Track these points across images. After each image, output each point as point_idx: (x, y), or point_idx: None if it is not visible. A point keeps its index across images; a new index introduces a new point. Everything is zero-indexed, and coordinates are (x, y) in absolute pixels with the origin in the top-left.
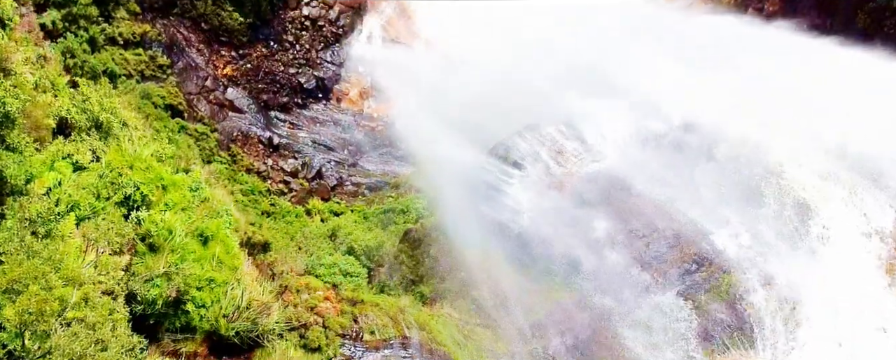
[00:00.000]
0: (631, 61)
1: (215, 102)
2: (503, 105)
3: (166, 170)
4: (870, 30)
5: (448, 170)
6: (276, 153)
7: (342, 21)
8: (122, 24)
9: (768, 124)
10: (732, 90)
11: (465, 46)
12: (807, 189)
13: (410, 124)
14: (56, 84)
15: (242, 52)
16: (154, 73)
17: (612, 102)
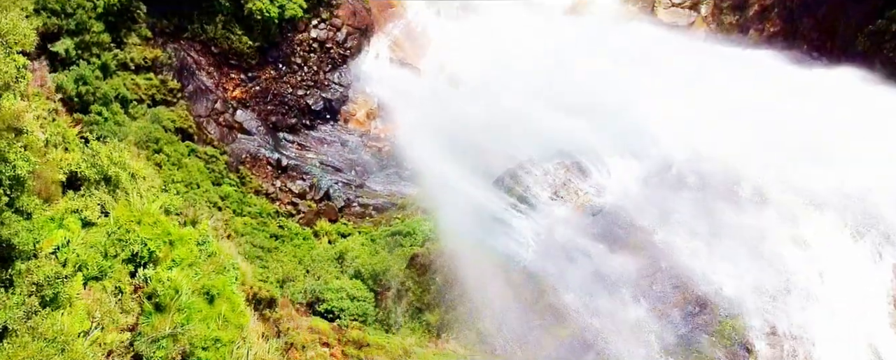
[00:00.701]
0: (637, 92)
1: (225, 125)
2: (507, 131)
3: (174, 224)
4: (869, 52)
5: (453, 196)
6: (284, 175)
7: (349, 43)
8: (133, 50)
9: (769, 162)
10: (734, 123)
11: (471, 68)
12: (810, 230)
13: (414, 146)
14: (67, 137)
15: (252, 74)
16: (165, 97)
17: (617, 134)
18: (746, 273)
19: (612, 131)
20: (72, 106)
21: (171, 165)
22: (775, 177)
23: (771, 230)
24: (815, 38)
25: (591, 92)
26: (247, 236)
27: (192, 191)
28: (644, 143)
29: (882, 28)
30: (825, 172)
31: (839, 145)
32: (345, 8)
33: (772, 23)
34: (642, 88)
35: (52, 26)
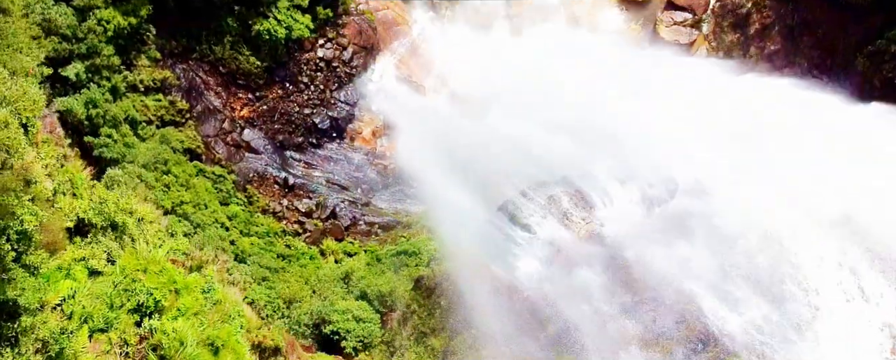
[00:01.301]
0: (641, 117)
1: (232, 144)
2: (509, 152)
3: (180, 271)
4: (868, 72)
5: (457, 218)
6: (291, 193)
7: (356, 61)
8: (143, 72)
9: (772, 193)
10: (737, 152)
11: (474, 86)
12: (813, 266)
13: (417, 165)
14: (75, 182)
15: (259, 94)
16: (173, 117)
17: (620, 160)
18: (753, 309)
19: (615, 157)
20: (82, 130)
21: (179, 186)
22: (782, 212)
23: (777, 267)
24: (815, 57)
25: (595, 114)
26: (254, 257)
27: (199, 211)
28: (648, 170)
29: (881, 48)
30: (830, 205)
31: (846, 175)
32: (351, 27)
33: (772, 41)
34: (647, 113)
35: (63, 51)
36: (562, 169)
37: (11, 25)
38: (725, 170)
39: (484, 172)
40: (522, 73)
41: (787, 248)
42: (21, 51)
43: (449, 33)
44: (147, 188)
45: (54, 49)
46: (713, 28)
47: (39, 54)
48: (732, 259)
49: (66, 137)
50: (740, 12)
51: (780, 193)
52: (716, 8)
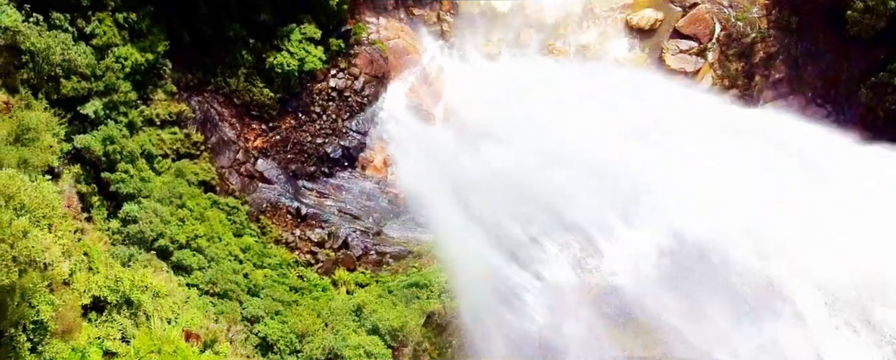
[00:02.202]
0: (650, 159)
1: (246, 174)
2: (517, 188)
3: (193, 349)
4: (871, 104)
5: (465, 255)
6: (303, 223)
7: (367, 91)
8: (159, 106)
9: (779, 247)
10: (746, 202)
11: (483, 117)
12: (821, 320)
13: (426, 195)
14: (91, 255)
15: (272, 124)
16: (189, 150)
17: (631, 206)
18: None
19: (625, 200)
20: (99, 166)
21: (193, 220)
22: (789, 264)
23: (784, 324)
24: (819, 86)
25: (604, 152)
26: (267, 290)
27: (213, 245)
28: (658, 219)
29: (884, 80)
30: (839, 260)
31: (856, 228)
32: (362, 57)
33: (776, 69)
34: (656, 155)
35: (82, 90)
36: (570, 210)
37: (34, 118)
38: (740, 224)
39: (491, 207)
40: (530, 103)
41: (798, 304)
42: (40, 138)
43: (458, 61)
44: (162, 223)
45: (73, 88)
46: (718, 57)
47: (61, 131)
48: (743, 310)
49: (83, 208)
50: (745, 41)
51: (792, 246)
52: (721, 37)
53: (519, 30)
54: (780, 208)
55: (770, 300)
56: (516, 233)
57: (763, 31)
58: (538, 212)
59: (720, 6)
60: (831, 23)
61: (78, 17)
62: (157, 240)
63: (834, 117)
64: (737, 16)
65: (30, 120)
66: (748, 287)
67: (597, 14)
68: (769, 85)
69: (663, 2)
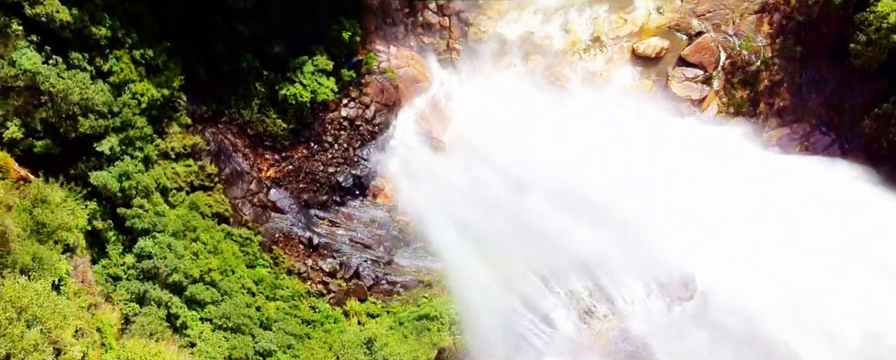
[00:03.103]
0: (660, 204)
1: (259, 205)
2: (524, 225)
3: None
4: (875, 134)
5: (476, 290)
6: (315, 253)
7: (378, 119)
8: (174, 139)
9: (788, 302)
10: (755, 252)
11: (493, 146)
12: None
13: (434, 227)
14: (104, 330)
15: (285, 154)
16: (203, 182)
17: (642, 256)
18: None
19: (636, 250)
20: (115, 202)
21: (207, 253)
22: (801, 325)
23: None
24: (823, 114)
25: (613, 192)
26: (279, 323)
27: (226, 278)
28: (670, 271)
29: (888, 112)
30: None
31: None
32: (373, 86)
33: (781, 97)
34: (667, 200)
35: (99, 127)
36: (578, 253)
37: (50, 214)
38: (743, 274)
39: (500, 242)
40: (538, 134)
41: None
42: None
43: (467, 89)
44: (176, 258)
45: (91, 126)
46: (723, 84)
47: (77, 207)
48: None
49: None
50: (749, 69)
51: (794, 298)
52: (726, 65)
53: (527, 57)
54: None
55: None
56: (526, 274)
57: (767, 59)
58: (548, 252)
59: (725, 35)
60: (835, 53)
61: (96, 55)
62: (171, 275)
63: (838, 145)
64: (741, 44)
65: (46, 216)
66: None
67: (603, 42)
68: (774, 113)
69: (669, 30)
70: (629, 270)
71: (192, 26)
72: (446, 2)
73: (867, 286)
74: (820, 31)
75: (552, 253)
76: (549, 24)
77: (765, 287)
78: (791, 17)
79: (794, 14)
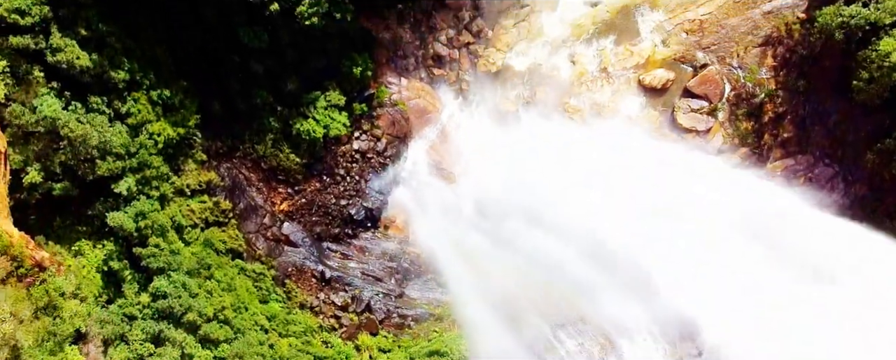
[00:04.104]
0: (673, 259)
1: (272, 238)
2: (533, 267)
3: None
4: (877, 168)
5: (485, 332)
6: (328, 286)
7: (389, 151)
8: (189, 176)
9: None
10: (769, 310)
11: (503, 176)
12: None
13: (445, 258)
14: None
15: (298, 188)
16: (217, 218)
17: (651, 312)
18: None
19: (645, 304)
20: (131, 241)
21: (221, 291)
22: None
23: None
24: (826, 146)
25: (621, 237)
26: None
27: (239, 316)
28: (682, 328)
29: (890, 147)
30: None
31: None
32: (384, 118)
33: (785, 129)
34: (681, 254)
35: (116, 169)
36: (590, 303)
37: (62, 323)
38: (754, 329)
39: (508, 284)
40: (545, 166)
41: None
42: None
43: (476, 118)
44: (190, 297)
45: (108, 169)
46: (728, 116)
47: (90, 295)
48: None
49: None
50: (754, 101)
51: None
52: (730, 97)
53: (535, 88)
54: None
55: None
56: (533, 321)
57: (771, 91)
58: (557, 300)
59: (730, 67)
60: (837, 86)
61: (114, 98)
62: (185, 314)
63: (841, 177)
64: (746, 77)
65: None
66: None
67: (610, 73)
68: (778, 144)
69: (674, 62)
70: (640, 322)
71: (208, 65)
72: (456, 34)
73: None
74: (822, 65)
75: (563, 303)
76: (557, 55)
77: (777, 346)
78: (794, 51)
79: (797, 48)
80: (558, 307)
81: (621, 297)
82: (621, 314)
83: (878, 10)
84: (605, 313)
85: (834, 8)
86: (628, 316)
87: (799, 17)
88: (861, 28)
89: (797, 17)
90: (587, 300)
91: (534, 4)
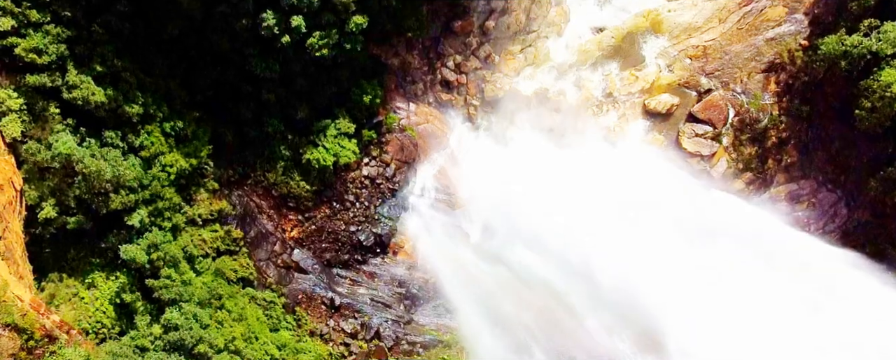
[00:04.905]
0: (681, 308)
1: (282, 266)
2: (543, 304)
3: None
4: (879, 196)
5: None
6: (337, 313)
7: (398, 177)
8: (201, 205)
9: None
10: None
11: (509, 200)
12: None
13: (452, 283)
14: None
15: (308, 214)
16: (228, 247)
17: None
18: None
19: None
20: (144, 273)
21: (232, 321)
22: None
23: None
24: (829, 172)
25: (629, 293)
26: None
27: (250, 346)
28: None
29: (892, 176)
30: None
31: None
32: (393, 144)
33: (788, 154)
34: (692, 287)
35: (130, 202)
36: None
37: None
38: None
39: (515, 313)
40: (550, 190)
41: None
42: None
43: (483, 143)
44: (201, 328)
45: (122, 202)
46: (732, 141)
47: None
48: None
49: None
50: (757, 127)
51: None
52: (734, 122)
53: (541, 112)
54: None
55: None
56: (538, 356)
57: (774, 117)
58: (564, 338)
59: (733, 92)
60: (840, 113)
61: (128, 132)
62: (196, 345)
63: (844, 202)
64: (749, 102)
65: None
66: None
67: (616, 98)
68: (781, 169)
69: (679, 87)
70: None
71: (220, 94)
72: (464, 60)
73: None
74: (825, 92)
75: (570, 340)
76: (563, 80)
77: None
78: (797, 77)
79: (800, 74)
80: (562, 337)
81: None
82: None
83: (880, 41)
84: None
85: (836, 37)
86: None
87: (801, 44)
88: (863, 58)
89: (799, 44)
90: (595, 342)
91: (540, 30)
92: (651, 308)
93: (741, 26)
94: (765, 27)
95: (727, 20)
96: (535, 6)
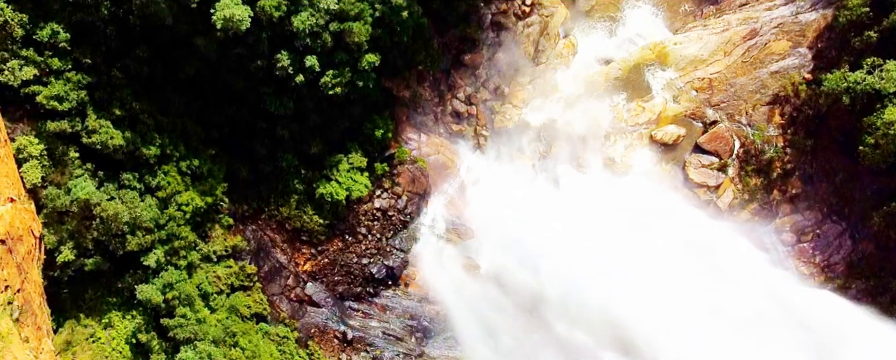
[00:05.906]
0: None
1: (296, 299)
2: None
3: None
4: (882, 230)
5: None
6: (350, 347)
7: (409, 208)
8: (216, 242)
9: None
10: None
11: (518, 230)
12: None
13: (462, 315)
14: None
15: (321, 248)
16: (242, 282)
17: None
18: None
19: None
20: (159, 312)
21: (245, 359)
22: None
23: None
24: (833, 203)
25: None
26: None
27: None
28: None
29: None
30: None
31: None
32: (404, 176)
33: (793, 185)
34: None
35: (146, 242)
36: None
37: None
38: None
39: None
40: (559, 219)
41: None
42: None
43: (493, 173)
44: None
45: (138, 243)
46: (738, 172)
47: None
48: None
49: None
50: (763, 158)
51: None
52: (740, 153)
53: (550, 142)
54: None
55: None
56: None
57: (779, 149)
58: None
59: (739, 124)
60: (843, 146)
61: (145, 173)
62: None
63: (849, 234)
64: (754, 134)
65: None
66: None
67: (623, 128)
68: (786, 199)
69: (685, 118)
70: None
71: (235, 131)
72: (474, 91)
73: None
74: (829, 125)
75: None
76: (571, 111)
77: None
78: (801, 110)
79: (804, 107)
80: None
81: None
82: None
83: (883, 78)
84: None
85: (839, 73)
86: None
87: (805, 77)
88: (866, 94)
89: (803, 77)
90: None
91: (549, 62)
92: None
93: (746, 59)
94: (769, 60)
95: (732, 53)
96: (544, 38)
